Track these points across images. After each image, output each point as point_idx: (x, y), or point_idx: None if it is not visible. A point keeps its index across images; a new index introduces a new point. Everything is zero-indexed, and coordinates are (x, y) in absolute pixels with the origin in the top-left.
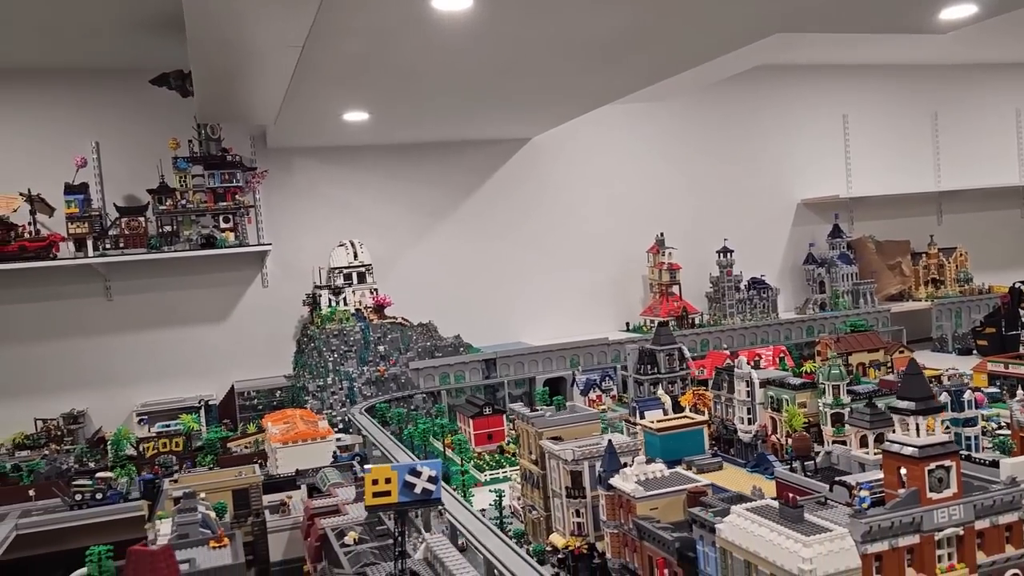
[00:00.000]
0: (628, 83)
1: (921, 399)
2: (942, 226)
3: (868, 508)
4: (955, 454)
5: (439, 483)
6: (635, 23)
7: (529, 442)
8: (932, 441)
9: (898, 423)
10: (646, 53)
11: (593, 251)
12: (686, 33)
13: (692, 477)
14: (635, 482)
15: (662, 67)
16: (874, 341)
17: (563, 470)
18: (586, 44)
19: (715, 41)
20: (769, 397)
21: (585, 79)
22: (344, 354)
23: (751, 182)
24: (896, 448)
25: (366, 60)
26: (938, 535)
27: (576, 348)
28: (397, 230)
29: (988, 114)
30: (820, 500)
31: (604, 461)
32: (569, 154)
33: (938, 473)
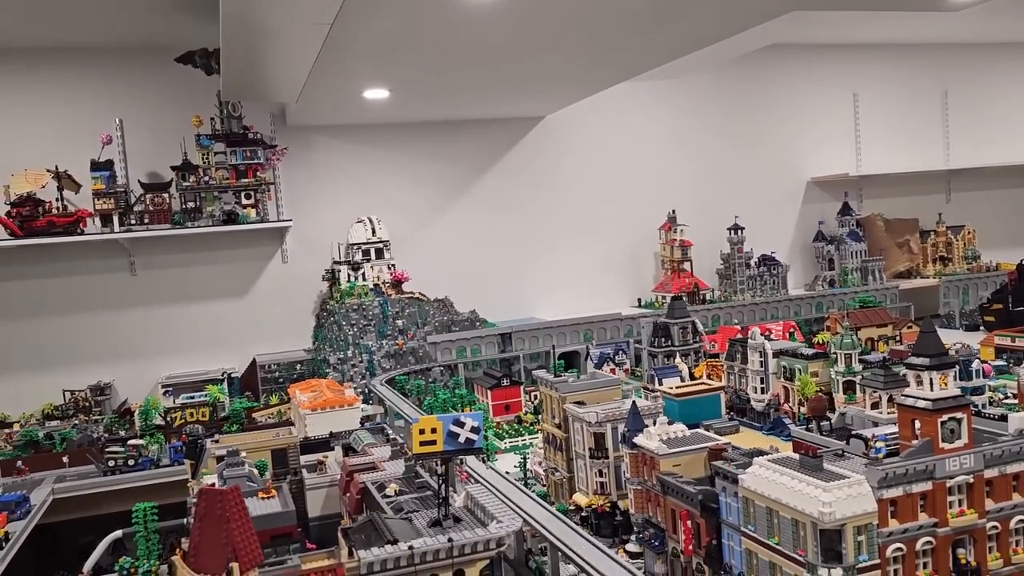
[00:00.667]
0: (645, 60)
1: (935, 355)
2: (950, 204)
3: (884, 458)
4: (967, 407)
5: (480, 433)
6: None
7: (552, 407)
8: (945, 395)
9: (912, 378)
10: (665, 30)
11: (605, 228)
12: (705, 10)
13: (712, 436)
14: (659, 440)
15: (680, 44)
16: (883, 317)
17: (587, 432)
18: (606, 20)
19: (733, 18)
20: (782, 367)
21: (603, 56)
22: (363, 328)
23: (762, 160)
24: (910, 402)
25: (393, 37)
26: (949, 482)
27: (589, 323)
28: (414, 207)
29: (998, 93)
30: (838, 452)
31: (628, 421)
32: (582, 132)
33: (950, 424)
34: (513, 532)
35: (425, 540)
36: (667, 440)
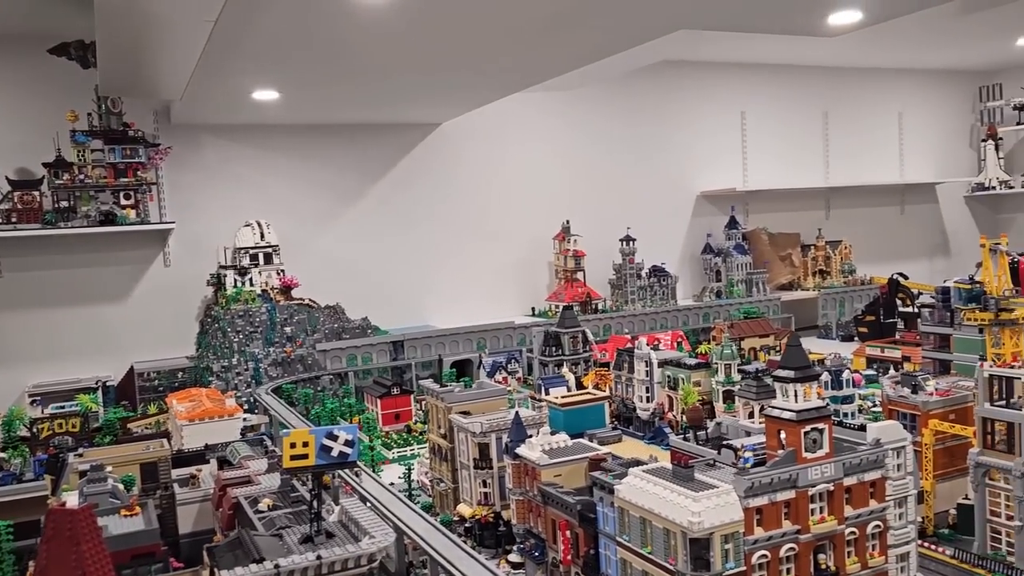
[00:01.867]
0: (538, 72)
1: (799, 368)
2: (830, 220)
3: (751, 467)
4: (828, 417)
5: (356, 446)
6: (551, 11)
7: (439, 417)
8: (808, 406)
9: (779, 390)
10: (556, 43)
11: (500, 237)
12: (599, 24)
13: (594, 447)
14: (540, 451)
15: (571, 58)
16: (765, 327)
17: (471, 442)
18: (500, 30)
19: (623, 34)
20: (666, 376)
21: (498, 65)
22: (250, 335)
23: (654, 173)
24: (776, 413)
25: (282, 38)
26: (811, 490)
27: (483, 331)
28: (306, 211)
29: (873, 115)
30: (709, 462)
31: (511, 432)
32: (478, 141)
33: (812, 435)
34: (386, 548)
35: (293, 558)
36: (549, 450)
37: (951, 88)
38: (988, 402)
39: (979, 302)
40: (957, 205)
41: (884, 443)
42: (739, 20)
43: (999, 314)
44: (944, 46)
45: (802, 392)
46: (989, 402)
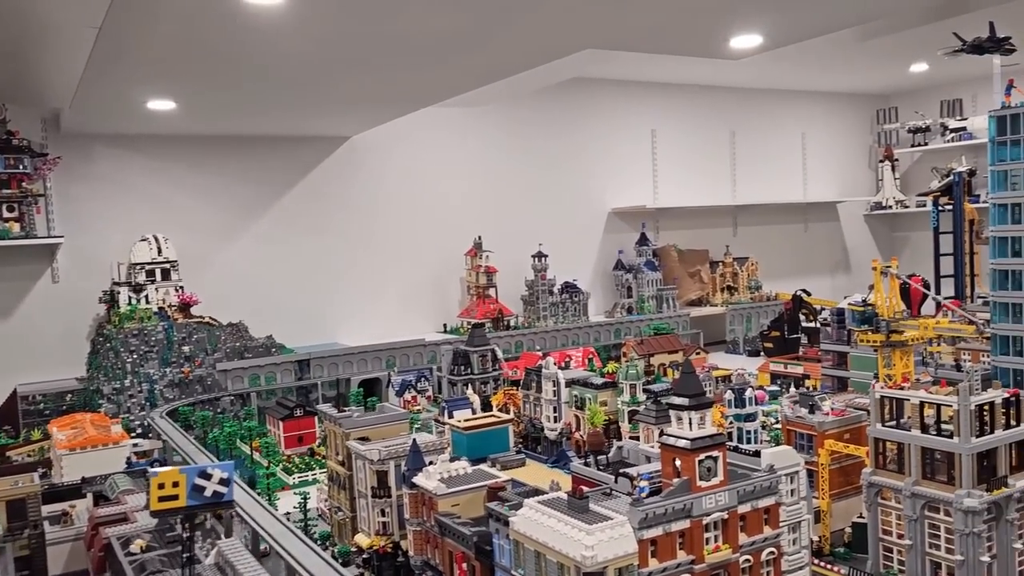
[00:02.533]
0: (447, 87)
1: (694, 396)
2: (737, 237)
3: (646, 497)
4: (723, 445)
5: (231, 485)
6: (453, 27)
7: (336, 443)
8: (702, 434)
9: (674, 418)
10: (465, 58)
11: (412, 253)
12: (504, 42)
13: (494, 474)
14: (438, 479)
15: (481, 73)
16: (674, 343)
17: (369, 470)
18: (403, 45)
19: (531, 52)
20: (574, 396)
21: (402, 80)
22: (144, 355)
23: (566, 190)
24: (671, 441)
25: (171, 46)
26: (706, 519)
27: (392, 349)
28: (207, 225)
29: (778, 136)
30: (606, 491)
31: (408, 460)
32: (389, 155)
33: (707, 463)
34: None
35: None
36: (446, 479)
37: (851, 110)
38: (880, 423)
39: (871, 324)
40: (857, 223)
41: (778, 468)
42: (643, 41)
43: (890, 336)
44: (844, 70)
45: (696, 419)
46: (881, 423)
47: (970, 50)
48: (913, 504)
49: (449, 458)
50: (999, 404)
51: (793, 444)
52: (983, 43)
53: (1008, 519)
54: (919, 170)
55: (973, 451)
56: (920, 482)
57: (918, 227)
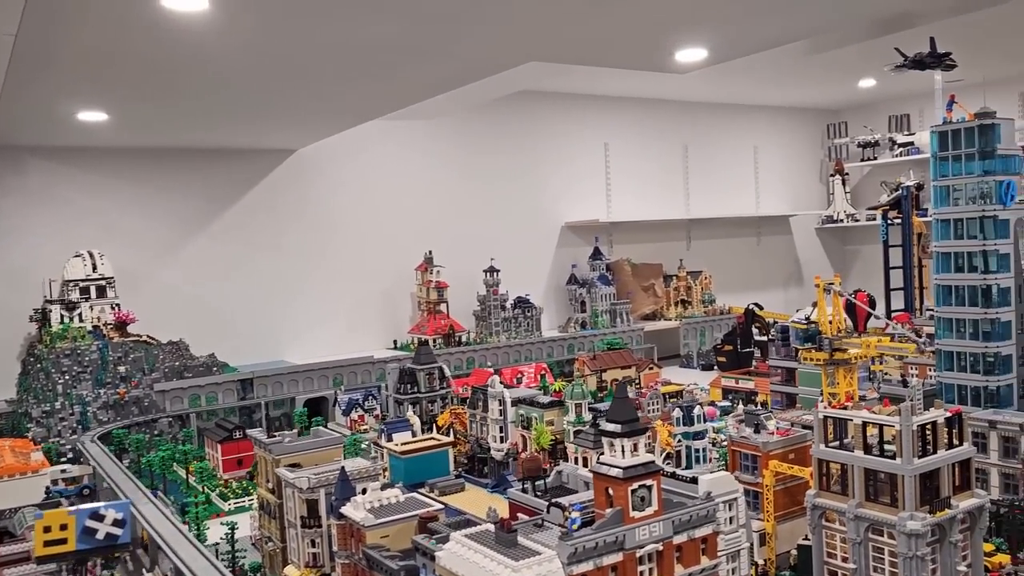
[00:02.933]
0: (391, 99)
1: (626, 422)
2: (690, 251)
3: (577, 529)
4: (657, 473)
5: (128, 525)
6: (391, 39)
7: (267, 469)
8: (635, 462)
9: (606, 445)
10: (407, 71)
11: (362, 267)
12: (447, 54)
13: (427, 501)
14: (366, 510)
15: (425, 86)
16: (627, 358)
17: (298, 499)
18: (340, 57)
19: (475, 64)
20: (520, 416)
21: (344, 92)
22: (77, 376)
23: (519, 203)
24: (603, 469)
25: (95, 55)
26: (640, 552)
27: (339, 367)
28: (146, 241)
29: (731, 150)
30: (537, 523)
31: (336, 488)
32: (338, 168)
33: (640, 492)
34: None
35: None
36: (376, 508)
37: (802, 125)
38: (823, 443)
39: (814, 342)
40: (809, 236)
41: (716, 495)
42: (588, 55)
43: (833, 354)
44: (795, 85)
45: (629, 446)
46: (824, 443)
47: (912, 65)
48: (856, 527)
49: (382, 485)
50: (942, 423)
51: (738, 465)
52: (924, 58)
53: (952, 541)
54: (869, 184)
55: (915, 472)
56: (863, 504)
57: (869, 240)
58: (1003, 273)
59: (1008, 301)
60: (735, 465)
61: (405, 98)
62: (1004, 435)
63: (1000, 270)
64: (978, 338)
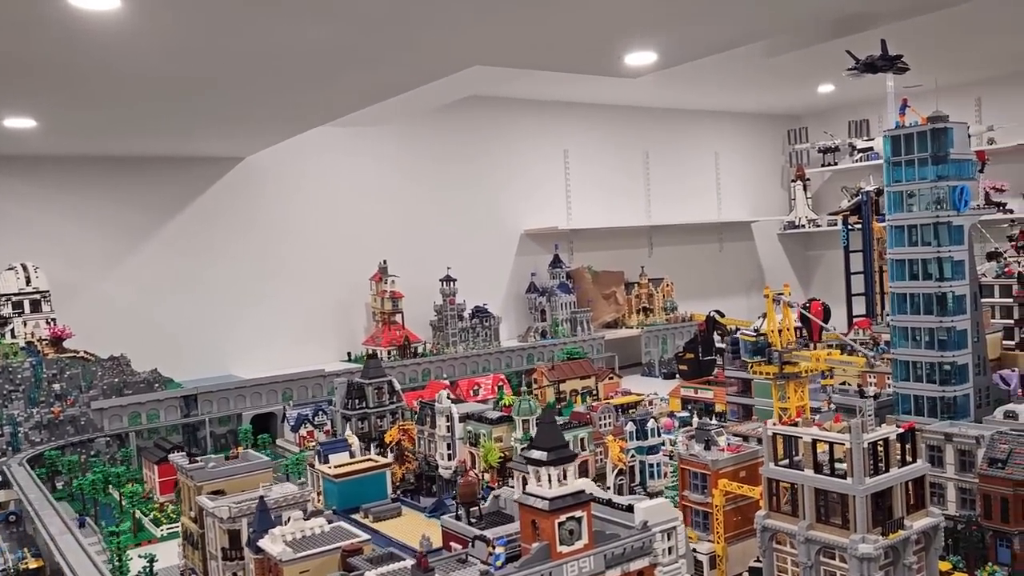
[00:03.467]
0: (334, 106)
1: (553, 449)
2: (652, 258)
3: (501, 566)
4: (587, 504)
5: None
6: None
7: (189, 496)
8: (563, 492)
9: (532, 474)
10: (347, 76)
11: (314, 278)
12: (388, 60)
13: (353, 532)
14: (285, 543)
15: (367, 92)
16: (586, 368)
17: (219, 529)
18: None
19: (418, 69)
20: (468, 432)
21: (284, 98)
22: (9, 394)
23: (476, 211)
24: (528, 500)
25: (8, 60)
26: None
27: (289, 381)
28: (84, 253)
29: (692, 156)
30: (461, 557)
31: (254, 519)
32: (288, 176)
33: (569, 525)
34: None
35: None
36: (297, 541)
37: (763, 131)
38: (773, 462)
39: (763, 355)
40: (771, 242)
41: (653, 525)
42: (534, 59)
43: (783, 367)
44: (755, 90)
45: (556, 475)
46: (774, 462)
47: (863, 68)
48: (807, 550)
49: (310, 513)
50: (894, 440)
51: (687, 484)
52: (875, 61)
53: (906, 563)
54: (830, 189)
55: (867, 492)
56: (814, 526)
57: (831, 245)
58: (958, 280)
59: (963, 309)
60: (685, 484)
61: (348, 104)
62: (960, 448)
63: (955, 277)
64: (934, 347)
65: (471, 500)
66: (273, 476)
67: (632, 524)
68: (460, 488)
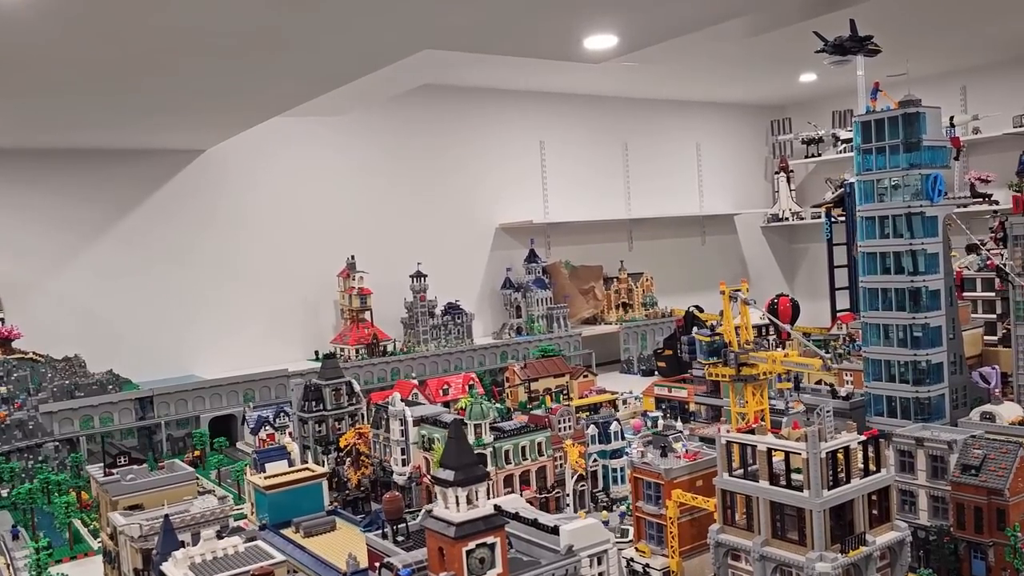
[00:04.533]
0: (284, 96)
1: (461, 468)
2: (632, 252)
3: None
4: (500, 528)
5: None
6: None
7: (106, 512)
8: (472, 516)
9: (439, 495)
10: (294, 64)
11: (279, 275)
12: (333, 45)
13: (270, 552)
14: (190, 566)
15: (317, 80)
16: (560, 366)
17: (131, 548)
18: (211, 48)
19: (365, 55)
20: (422, 436)
21: (228, 88)
22: None
23: (449, 204)
24: (434, 525)
25: None
26: None
27: (251, 381)
28: (36, 249)
29: (672, 147)
30: None
31: (159, 541)
32: (250, 169)
33: (479, 553)
34: None
35: None
36: (202, 564)
37: (745, 121)
38: (727, 472)
39: (720, 355)
40: (755, 235)
41: (580, 549)
42: (488, 43)
43: (740, 369)
44: (736, 80)
45: (465, 497)
46: (728, 472)
47: (832, 50)
48: (763, 568)
49: (229, 530)
50: (855, 448)
51: (641, 494)
52: (844, 42)
53: None
54: (813, 181)
55: (825, 506)
56: (770, 541)
57: (815, 238)
58: (932, 274)
59: (938, 304)
60: (638, 494)
61: (298, 93)
62: (932, 454)
63: (929, 271)
64: (907, 345)
65: (398, 516)
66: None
67: (555, 549)
68: (385, 503)
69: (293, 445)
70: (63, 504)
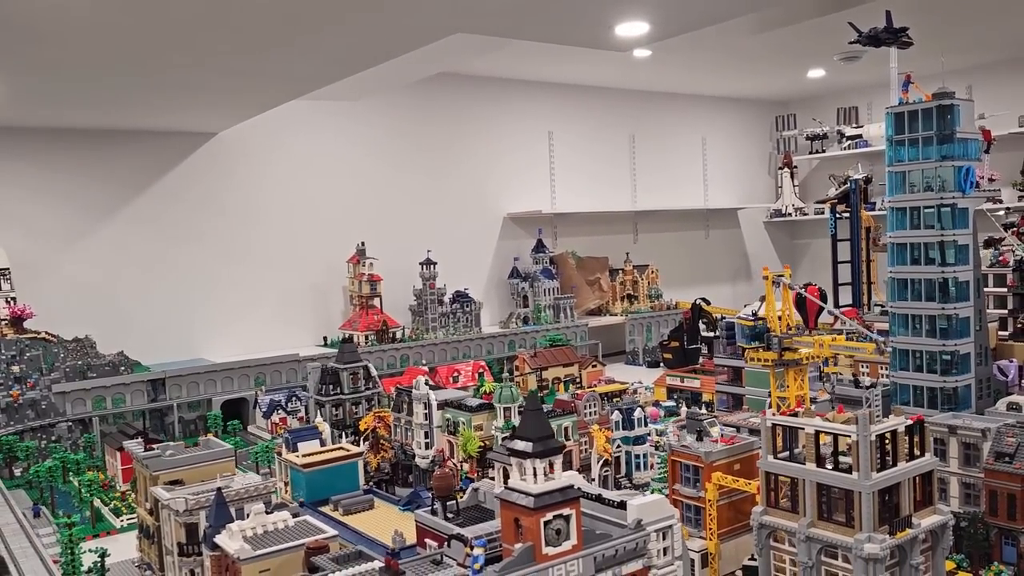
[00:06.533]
0: (307, 78)
1: (539, 439)
2: (638, 244)
3: (480, 569)
4: (575, 501)
5: None
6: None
7: (145, 487)
8: (550, 487)
9: (515, 467)
10: (322, 44)
11: (289, 259)
12: (364, 25)
13: (320, 527)
14: (242, 539)
15: (343, 62)
16: (569, 356)
17: (175, 523)
18: (240, 27)
19: (396, 37)
20: (446, 420)
21: (252, 68)
22: None
23: (458, 193)
24: (511, 496)
25: None
26: None
27: (262, 365)
28: (50, 229)
29: (678, 140)
30: (436, 558)
31: (210, 513)
32: (263, 153)
33: (555, 524)
34: None
35: None
36: (255, 537)
37: (750, 116)
38: (771, 455)
39: (762, 340)
40: (757, 230)
41: (647, 524)
42: (520, 28)
43: (783, 354)
44: (743, 74)
45: (543, 469)
46: (772, 455)
47: (866, 41)
48: (808, 549)
49: (274, 505)
50: (902, 432)
51: (679, 477)
52: (879, 34)
53: (913, 564)
54: (817, 177)
55: (874, 488)
56: (816, 523)
57: (818, 234)
58: (961, 266)
59: (967, 296)
60: (675, 477)
61: (319, 76)
62: (965, 441)
63: (958, 262)
64: (935, 335)
65: (447, 493)
66: (236, 466)
67: (624, 523)
68: (435, 480)
69: (325, 425)
70: (87, 482)
